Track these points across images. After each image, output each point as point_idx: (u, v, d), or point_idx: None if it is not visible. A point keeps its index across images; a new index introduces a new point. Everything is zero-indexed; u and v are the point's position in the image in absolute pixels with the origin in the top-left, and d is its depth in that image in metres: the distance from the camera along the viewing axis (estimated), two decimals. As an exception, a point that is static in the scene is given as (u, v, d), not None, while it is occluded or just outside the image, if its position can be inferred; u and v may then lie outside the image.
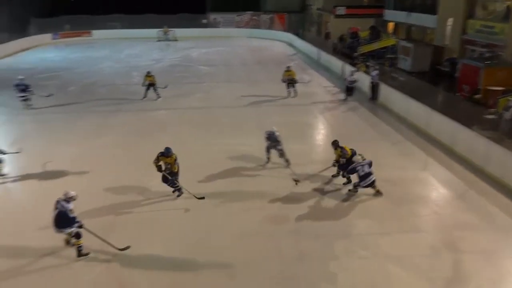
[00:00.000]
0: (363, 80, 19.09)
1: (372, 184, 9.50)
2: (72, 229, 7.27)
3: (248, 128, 14.66)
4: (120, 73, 24.96)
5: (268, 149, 11.32)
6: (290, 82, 18.34)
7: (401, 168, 11.43)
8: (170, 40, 38.25)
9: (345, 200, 9.71)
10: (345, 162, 10.01)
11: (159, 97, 18.29)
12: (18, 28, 36.31)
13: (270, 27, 43.18)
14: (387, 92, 17.53)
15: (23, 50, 33.21)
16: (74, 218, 7.23)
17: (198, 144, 13.12)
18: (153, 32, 38.65)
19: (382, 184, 9.71)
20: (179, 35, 38.85)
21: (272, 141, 11.07)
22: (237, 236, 8.32)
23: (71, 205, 7.23)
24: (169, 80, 21.54)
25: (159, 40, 38.10)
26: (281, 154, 11.07)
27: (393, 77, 22.08)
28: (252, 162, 11.68)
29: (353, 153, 9.96)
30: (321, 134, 15.09)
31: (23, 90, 16.45)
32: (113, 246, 7.55)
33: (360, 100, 18.20)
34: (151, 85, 18.11)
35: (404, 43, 25.52)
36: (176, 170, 9.45)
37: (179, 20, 40.98)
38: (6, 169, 10.99)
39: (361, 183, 9.48)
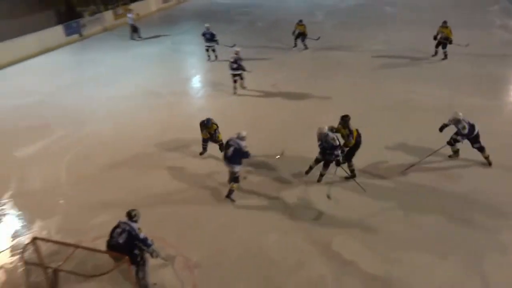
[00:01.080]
0: None
1: None
2: (238, 169, 7.80)
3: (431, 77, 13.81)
4: (303, 10, 25.55)
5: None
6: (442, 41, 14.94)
7: None
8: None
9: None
10: None
11: (306, 48, 17.45)
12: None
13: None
14: None
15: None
16: (247, 152, 7.72)
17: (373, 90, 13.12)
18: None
19: None
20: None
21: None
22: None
23: (243, 143, 7.79)
24: (352, 20, 21.31)
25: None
26: None
27: None
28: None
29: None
30: None
31: (209, 40, 16.13)
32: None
33: None
34: (300, 34, 17.39)
35: None
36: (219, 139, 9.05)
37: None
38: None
39: None
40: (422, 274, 6.14)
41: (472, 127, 8.18)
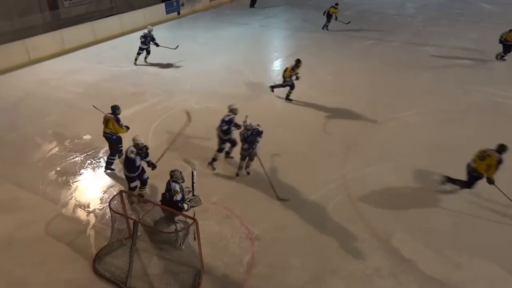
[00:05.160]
0: None
1: None
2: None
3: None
4: (394, 2, 24.02)
5: None
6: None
7: None
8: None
9: None
10: None
11: (327, 29, 17.38)
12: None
13: None
14: None
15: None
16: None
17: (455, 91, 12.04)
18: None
19: None
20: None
21: None
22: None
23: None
24: (444, 14, 19.66)
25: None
26: None
27: None
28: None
29: None
30: None
31: (143, 43, 14.39)
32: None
33: None
34: (329, 16, 17.61)
35: None
36: None
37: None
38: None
39: None
40: (483, 285, 5.62)
41: None
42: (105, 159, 8.65)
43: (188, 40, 18.11)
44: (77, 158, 8.90)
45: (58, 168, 8.56)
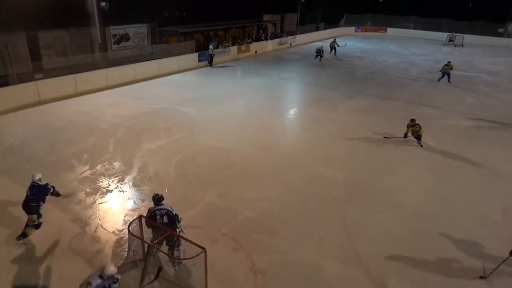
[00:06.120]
0: None
1: None
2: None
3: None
4: (400, 68, 24.40)
5: None
6: None
7: None
8: (456, 45, 34.21)
9: None
10: None
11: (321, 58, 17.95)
12: (333, 20, 40.56)
13: None
14: None
15: (332, 37, 36.65)
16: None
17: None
18: (441, 35, 35.48)
19: None
20: (468, 41, 34.29)
21: None
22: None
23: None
24: (444, 80, 19.81)
25: (445, 44, 34.67)
26: None
27: None
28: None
29: None
30: None
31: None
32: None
33: None
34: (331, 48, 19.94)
35: None
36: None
37: (472, 27, 35.94)
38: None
39: None
40: None
41: None
42: (130, 185, 8.71)
43: (215, 85, 18.60)
44: (105, 182, 8.95)
45: (88, 190, 8.61)
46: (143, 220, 6.17)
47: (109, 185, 8.85)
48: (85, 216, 7.62)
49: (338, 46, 26.93)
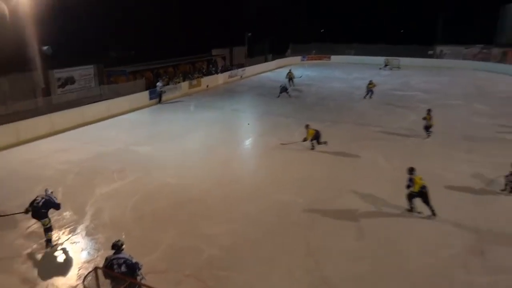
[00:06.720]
0: None
1: None
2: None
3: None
4: (346, 92, 25.74)
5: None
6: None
7: None
8: (392, 68, 37.03)
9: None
10: None
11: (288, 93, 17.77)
12: (280, 51, 42.52)
13: (502, 61, 35.98)
14: None
15: (280, 67, 38.27)
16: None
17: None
18: (381, 59, 38.28)
19: None
20: (403, 63, 37.28)
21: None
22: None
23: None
24: (386, 100, 21.17)
25: (381, 68, 37.27)
26: None
27: None
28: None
29: None
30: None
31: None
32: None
33: None
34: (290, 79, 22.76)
35: None
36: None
37: (406, 50, 39.29)
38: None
39: None
40: None
41: None
42: (83, 235, 8.17)
43: (168, 122, 18.42)
44: (55, 235, 8.32)
45: (35, 246, 7.95)
46: (100, 271, 5.78)
47: (59, 237, 8.25)
48: (33, 276, 6.99)
49: (295, 77, 27.38)
